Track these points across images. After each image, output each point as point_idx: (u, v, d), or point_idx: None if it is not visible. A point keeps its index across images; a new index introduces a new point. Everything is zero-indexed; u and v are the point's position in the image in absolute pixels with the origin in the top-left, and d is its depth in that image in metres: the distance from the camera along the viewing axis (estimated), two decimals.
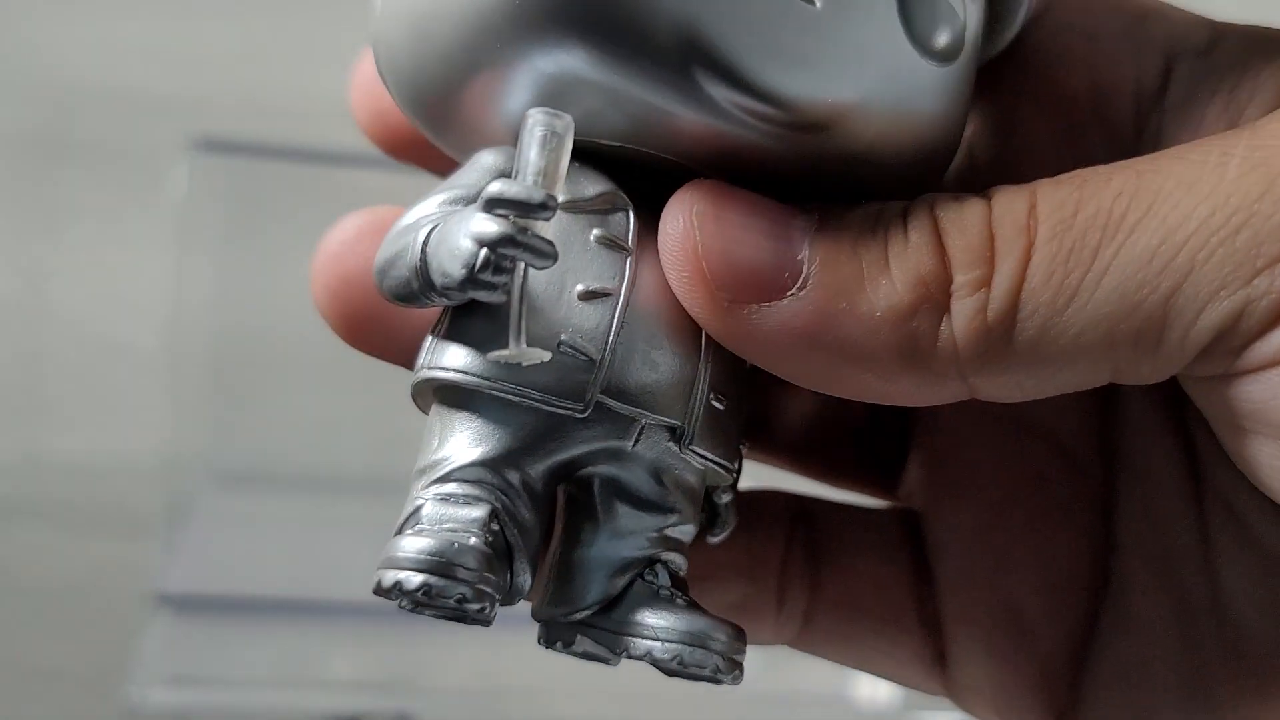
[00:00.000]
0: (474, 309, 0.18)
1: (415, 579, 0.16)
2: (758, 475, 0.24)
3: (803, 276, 0.17)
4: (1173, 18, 0.20)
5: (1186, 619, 0.20)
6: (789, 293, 0.17)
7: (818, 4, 0.17)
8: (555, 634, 0.19)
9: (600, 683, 0.54)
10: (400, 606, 0.17)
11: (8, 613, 0.58)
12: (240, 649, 0.56)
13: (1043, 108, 0.21)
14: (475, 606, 0.17)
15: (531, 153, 0.16)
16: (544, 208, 0.16)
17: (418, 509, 0.18)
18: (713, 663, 0.18)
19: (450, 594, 0.17)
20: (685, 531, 0.19)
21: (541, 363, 0.17)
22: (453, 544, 0.17)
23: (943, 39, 0.18)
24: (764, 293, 0.17)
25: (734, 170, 0.18)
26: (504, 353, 0.17)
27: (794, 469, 0.26)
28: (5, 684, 0.56)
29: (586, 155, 0.18)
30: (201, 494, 0.63)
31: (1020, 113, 0.21)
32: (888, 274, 0.17)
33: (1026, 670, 0.22)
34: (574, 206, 0.18)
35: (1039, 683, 0.22)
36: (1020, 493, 0.23)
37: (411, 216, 0.19)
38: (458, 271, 0.17)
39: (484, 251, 0.16)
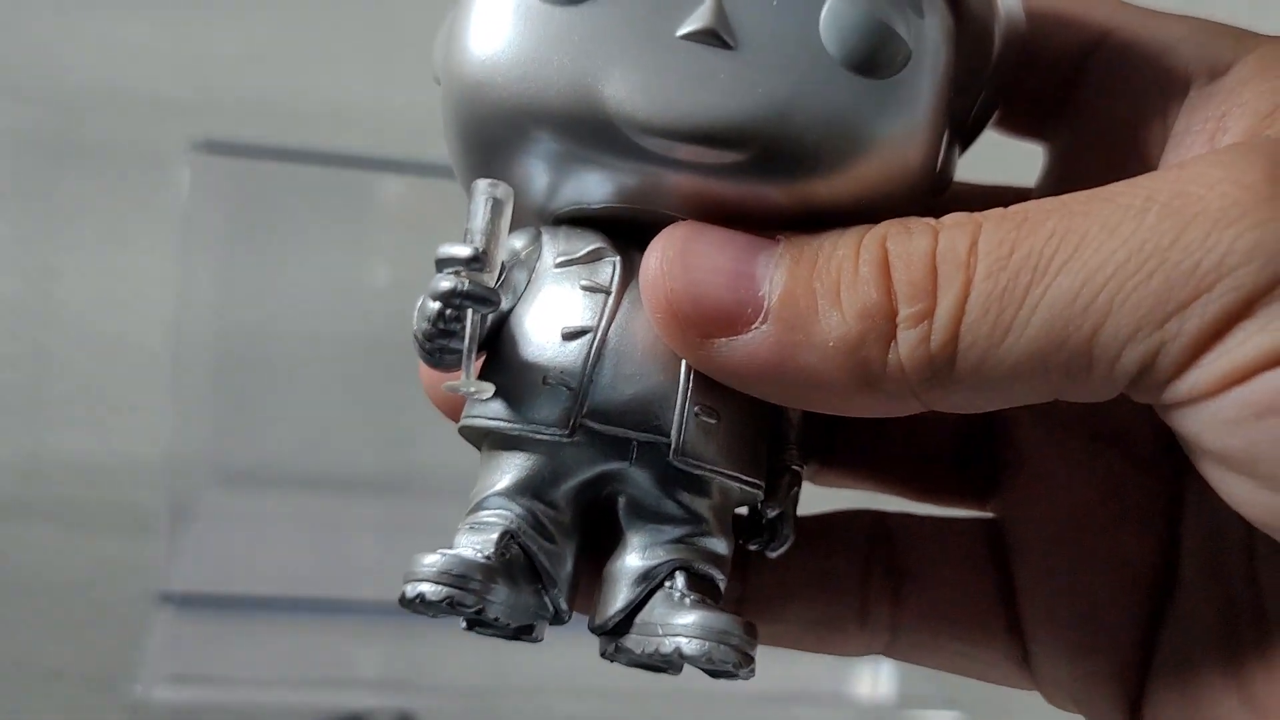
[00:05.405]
0: (490, 366, 0.20)
1: (429, 589, 0.18)
2: (841, 497, 0.26)
3: (764, 311, 0.19)
4: (1201, 43, 0.21)
5: (1231, 619, 0.21)
6: (752, 326, 0.19)
7: (733, 45, 0.19)
8: (604, 645, 0.21)
9: (600, 683, 0.54)
10: (418, 612, 0.19)
11: (12, 611, 0.58)
12: (243, 647, 0.56)
13: (1089, 140, 0.22)
14: (491, 615, 0.19)
15: (477, 216, 0.19)
16: (476, 260, 0.18)
17: (456, 534, 0.20)
18: (733, 658, 0.19)
19: (465, 603, 0.18)
20: (712, 542, 0.20)
21: (538, 397, 0.19)
22: (459, 559, 0.19)
23: (866, 51, 0.19)
24: (729, 328, 0.19)
25: (715, 218, 0.19)
26: (454, 384, 0.19)
27: (884, 491, 0.27)
28: (11, 682, 0.57)
29: (588, 220, 0.20)
30: (205, 493, 0.63)
31: (1073, 146, 0.23)
32: (839, 306, 0.18)
33: (1103, 664, 0.23)
34: (568, 263, 0.20)
35: (1115, 674, 0.23)
36: (1096, 499, 0.24)
37: None
38: (423, 325, 0.19)
39: (435, 304, 0.19)
